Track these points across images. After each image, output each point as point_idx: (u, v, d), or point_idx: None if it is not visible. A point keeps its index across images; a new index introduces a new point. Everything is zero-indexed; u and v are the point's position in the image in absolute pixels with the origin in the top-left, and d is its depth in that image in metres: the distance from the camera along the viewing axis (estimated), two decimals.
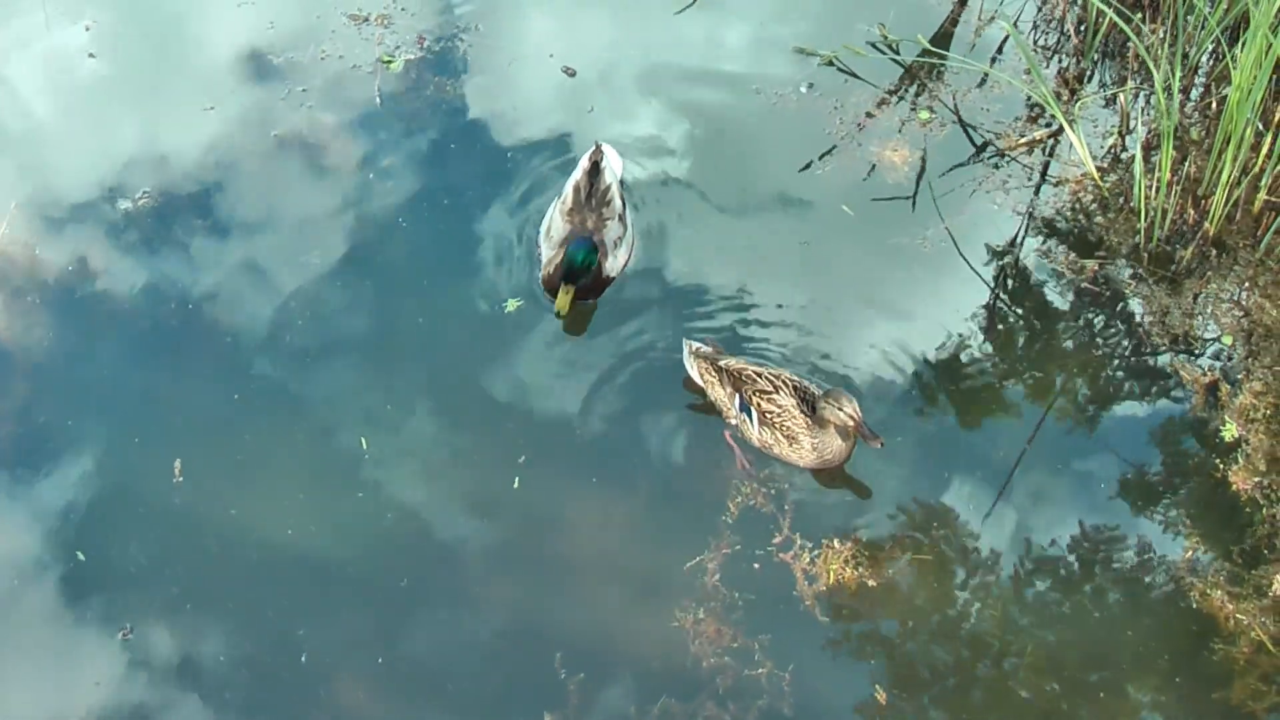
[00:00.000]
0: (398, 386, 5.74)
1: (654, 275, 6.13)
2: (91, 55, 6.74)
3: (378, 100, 6.59)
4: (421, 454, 5.59)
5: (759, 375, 5.55)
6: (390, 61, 6.73)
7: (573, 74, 6.74)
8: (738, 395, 5.57)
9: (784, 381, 5.53)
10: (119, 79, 6.72)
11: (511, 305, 5.98)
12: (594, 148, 6.09)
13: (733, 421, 5.64)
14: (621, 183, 6.17)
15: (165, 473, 5.48)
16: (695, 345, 5.74)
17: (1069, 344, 5.97)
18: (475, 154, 6.46)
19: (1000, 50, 6.87)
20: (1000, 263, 6.20)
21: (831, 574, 5.29)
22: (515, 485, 5.49)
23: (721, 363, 5.64)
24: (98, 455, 5.53)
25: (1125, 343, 5.97)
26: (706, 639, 5.16)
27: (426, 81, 6.68)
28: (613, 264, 5.98)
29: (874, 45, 6.81)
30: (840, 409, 5.32)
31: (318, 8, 6.91)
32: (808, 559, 5.33)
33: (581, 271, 5.78)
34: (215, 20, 6.91)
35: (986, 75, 6.65)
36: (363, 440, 5.59)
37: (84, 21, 6.86)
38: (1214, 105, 6.46)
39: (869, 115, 6.62)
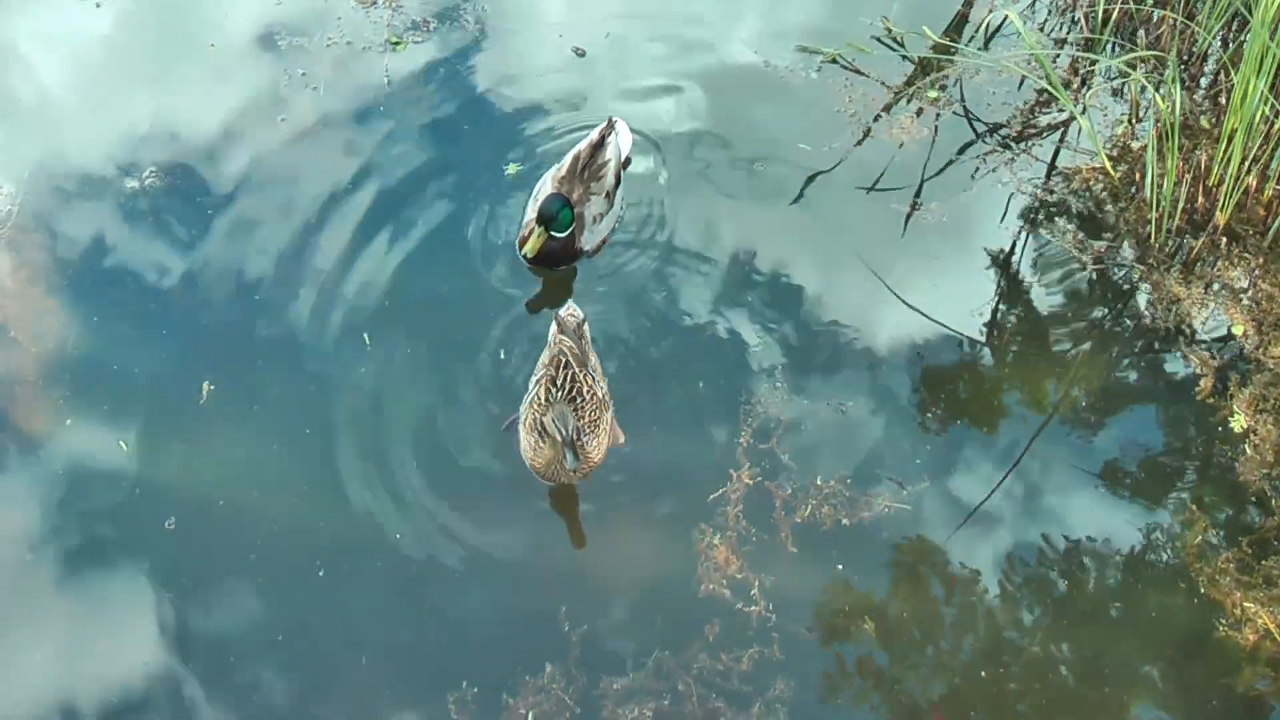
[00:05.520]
0: (403, 346, 5.83)
1: (653, 234, 6.18)
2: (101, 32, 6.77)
3: (386, 81, 6.58)
4: (422, 376, 5.74)
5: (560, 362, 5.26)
6: (398, 43, 6.71)
7: (582, 54, 6.72)
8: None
9: (562, 373, 5.21)
10: (126, 55, 6.72)
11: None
12: (606, 122, 6.08)
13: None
14: (628, 161, 6.14)
15: (195, 393, 5.66)
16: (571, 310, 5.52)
17: (1075, 330, 5.94)
18: (485, 133, 6.45)
19: (998, 31, 6.82)
20: (1005, 245, 6.18)
21: (810, 509, 5.36)
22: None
23: (565, 340, 5.29)
24: (136, 387, 5.70)
25: (1134, 330, 5.93)
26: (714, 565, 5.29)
27: (435, 63, 6.67)
28: (588, 239, 5.94)
29: (878, 39, 6.78)
30: (553, 425, 4.97)
31: None
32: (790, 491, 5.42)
33: (553, 220, 5.70)
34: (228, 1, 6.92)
35: (996, 63, 6.62)
36: (365, 337, 5.78)
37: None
38: (1223, 94, 6.43)
39: (879, 94, 6.60)
